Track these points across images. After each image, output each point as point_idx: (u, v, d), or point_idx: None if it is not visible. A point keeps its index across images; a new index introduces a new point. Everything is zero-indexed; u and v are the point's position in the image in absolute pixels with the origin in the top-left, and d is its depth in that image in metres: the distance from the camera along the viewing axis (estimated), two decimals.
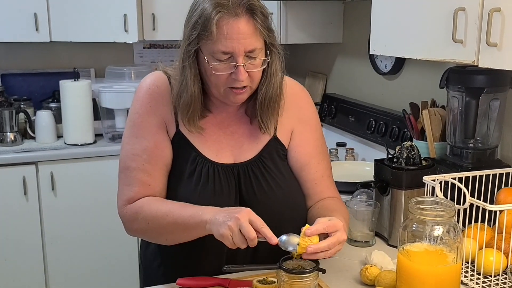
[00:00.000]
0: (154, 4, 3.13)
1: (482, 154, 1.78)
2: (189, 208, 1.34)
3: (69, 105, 2.92)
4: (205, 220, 1.28)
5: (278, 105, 1.45)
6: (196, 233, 1.34)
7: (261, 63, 1.36)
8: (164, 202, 1.41)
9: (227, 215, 1.25)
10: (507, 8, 1.30)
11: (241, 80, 1.32)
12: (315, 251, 1.22)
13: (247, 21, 1.30)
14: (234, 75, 1.32)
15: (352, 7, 2.87)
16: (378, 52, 1.84)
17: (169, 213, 1.35)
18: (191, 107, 1.38)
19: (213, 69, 1.32)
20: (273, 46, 1.38)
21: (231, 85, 1.34)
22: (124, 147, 1.46)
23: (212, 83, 1.36)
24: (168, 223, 1.35)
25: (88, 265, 2.99)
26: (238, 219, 1.22)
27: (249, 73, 1.33)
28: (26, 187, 2.83)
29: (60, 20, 3.03)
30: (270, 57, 1.37)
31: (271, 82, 1.40)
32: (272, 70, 1.39)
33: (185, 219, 1.32)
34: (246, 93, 1.38)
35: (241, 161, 1.46)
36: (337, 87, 3.07)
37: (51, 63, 3.40)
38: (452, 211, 1.21)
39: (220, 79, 1.34)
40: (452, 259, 1.20)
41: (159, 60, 3.58)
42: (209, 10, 1.28)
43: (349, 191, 1.93)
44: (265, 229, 1.23)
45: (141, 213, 1.39)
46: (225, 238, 1.23)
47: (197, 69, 1.37)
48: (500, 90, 1.74)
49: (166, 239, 1.42)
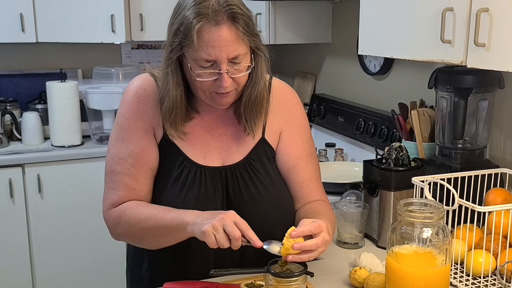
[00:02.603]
0: (142, 4, 3.11)
1: (471, 155, 1.78)
2: (171, 211, 1.33)
3: (56, 107, 2.89)
4: (186, 222, 1.27)
5: (263, 107, 1.44)
6: (177, 236, 1.32)
7: (245, 68, 1.34)
8: (147, 206, 1.40)
9: (211, 215, 1.24)
10: (495, 8, 1.29)
11: (225, 87, 1.31)
12: (302, 248, 1.22)
13: (228, 28, 1.28)
14: (218, 81, 1.31)
15: (341, 7, 2.86)
16: (366, 53, 1.83)
17: (151, 216, 1.34)
18: (173, 113, 1.37)
19: (197, 76, 1.31)
20: (258, 49, 1.37)
21: (216, 91, 1.34)
22: (110, 150, 1.45)
23: (197, 88, 1.35)
24: (150, 227, 1.34)
25: (76, 268, 2.96)
26: (223, 219, 1.21)
27: (234, 78, 1.32)
28: (13, 190, 2.80)
29: (46, 20, 3.00)
30: (255, 60, 1.36)
31: (256, 85, 1.39)
32: (257, 72, 1.38)
33: (166, 222, 1.31)
34: (232, 96, 1.37)
35: (229, 164, 1.45)
36: (326, 87, 3.06)
37: (38, 64, 3.37)
38: (441, 213, 1.20)
39: (204, 85, 1.33)
40: (441, 261, 1.19)
41: (148, 60, 3.57)
42: (190, 18, 1.26)
43: (338, 192, 1.92)
44: (249, 232, 1.22)
45: (124, 217, 1.38)
46: (207, 235, 1.21)
47: (179, 75, 1.35)
48: (488, 90, 1.74)
49: (149, 243, 1.41)
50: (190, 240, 1.32)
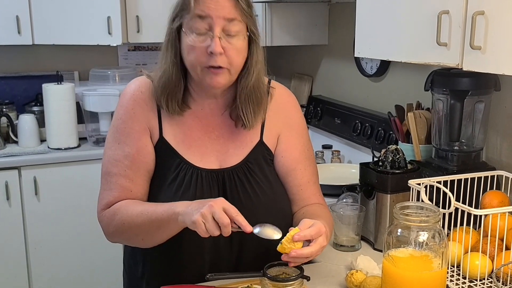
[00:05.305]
0: (138, 6, 3.10)
1: (467, 157, 1.78)
2: (163, 205, 1.33)
3: (53, 109, 2.88)
4: (177, 212, 1.27)
5: (260, 101, 1.43)
6: (170, 228, 1.31)
7: (240, 45, 1.34)
8: (139, 203, 1.39)
9: (200, 204, 1.24)
10: (490, 11, 1.29)
11: (217, 53, 1.30)
12: (298, 256, 1.22)
13: None
14: (210, 48, 1.30)
15: (337, 9, 2.87)
16: (363, 55, 1.83)
17: (143, 211, 1.34)
18: (168, 88, 1.38)
19: (191, 41, 1.32)
20: (253, 34, 1.37)
21: (208, 63, 1.32)
22: (106, 152, 1.44)
23: (190, 63, 1.35)
24: (143, 222, 1.34)
25: (72, 270, 2.95)
26: (211, 206, 1.21)
27: (227, 52, 1.32)
28: (9, 192, 2.79)
29: (42, 22, 2.99)
30: (250, 46, 1.37)
31: (250, 73, 1.39)
32: (252, 60, 1.39)
33: (158, 215, 1.31)
34: (224, 76, 1.35)
35: (227, 167, 1.44)
36: (323, 89, 3.06)
37: (34, 66, 3.36)
38: (437, 216, 1.20)
39: (197, 56, 1.32)
40: (437, 264, 1.19)
41: (144, 62, 3.57)
42: None
43: (335, 194, 1.92)
44: (239, 217, 1.22)
45: (118, 215, 1.38)
46: (198, 225, 1.20)
47: (178, 50, 1.36)
48: (484, 92, 1.74)
49: (142, 239, 1.39)
50: (186, 244, 1.32)
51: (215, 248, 1.40)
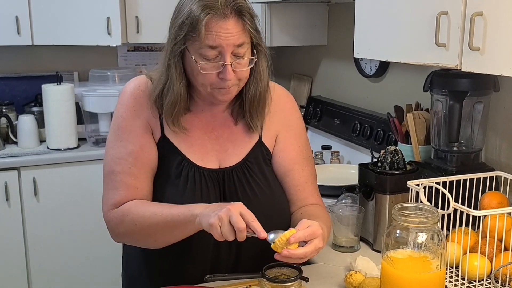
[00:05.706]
0: (138, 6, 3.10)
1: (466, 158, 1.78)
2: (178, 206, 1.32)
3: (52, 109, 2.88)
4: (195, 214, 1.26)
5: (266, 105, 1.45)
6: (185, 229, 1.31)
7: (248, 62, 1.35)
8: (151, 204, 1.39)
9: (218, 207, 1.24)
10: (489, 12, 1.29)
11: (228, 80, 1.32)
12: (290, 256, 1.22)
13: (235, 21, 1.30)
14: (221, 74, 1.31)
15: (337, 10, 2.86)
16: (362, 56, 1.83)
17: (157, 212, 1.33)
18: (176, 107, 1.37)
19: (201, 68, 1.31)
20: (259, 46, 1.38)
21: (219, 86, 1.34)
22: (108, 151, 1.44)
23: (198, 83, 1.35)
24: (157, 223, 1.33)
25: (72, 271, 2.95)
26: (229, 210, 1.21)
27: (236, 73, 1.33)
28: (8, 193, 2.79)
29: (42, 23, 2.99)
30: (257, 56, 1.38)
31: (258, 81, 1.40)
32: (259, 69, 1.40)
33: (174, 216, 1.30)
34: (234, 91, 1.38)
35: (226, 166, 1.44)
36: (322, 89, 3.06)
37: (34, 66, 3.36)
38: (436, 218, 1.20)
39: (207, 79, 1.33)
40: (436, 265, 1.19)
41: (144, 62, 3.56)
42: (197, 12, 1.28)
43: (334, 195, 1.92)
44: (255, 223, 1.22)
45: (129, 215, 1.37)
46: (214, 227, 1.20)
47: (182, 69, 1.36)
48: (483, 93, 1.74)
49: (155, 240, 1.38)
50: (186, 244, 1.32)
51: (214, 248, 1.40)
